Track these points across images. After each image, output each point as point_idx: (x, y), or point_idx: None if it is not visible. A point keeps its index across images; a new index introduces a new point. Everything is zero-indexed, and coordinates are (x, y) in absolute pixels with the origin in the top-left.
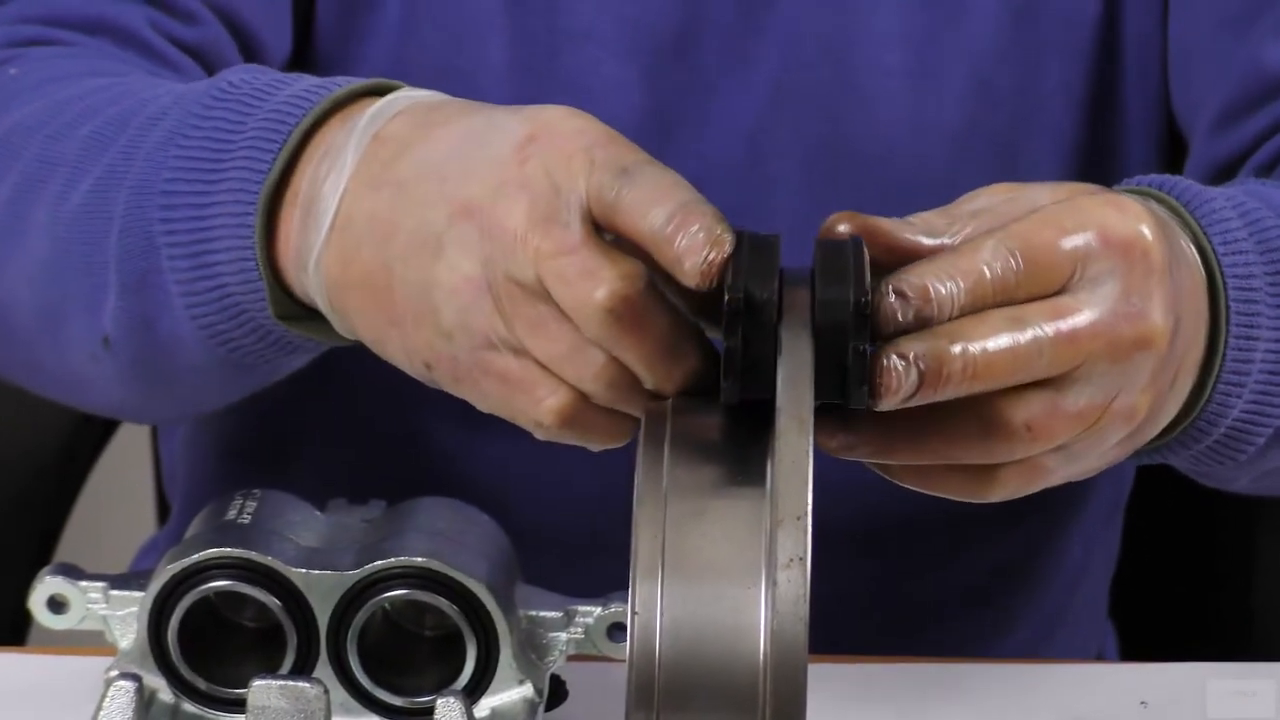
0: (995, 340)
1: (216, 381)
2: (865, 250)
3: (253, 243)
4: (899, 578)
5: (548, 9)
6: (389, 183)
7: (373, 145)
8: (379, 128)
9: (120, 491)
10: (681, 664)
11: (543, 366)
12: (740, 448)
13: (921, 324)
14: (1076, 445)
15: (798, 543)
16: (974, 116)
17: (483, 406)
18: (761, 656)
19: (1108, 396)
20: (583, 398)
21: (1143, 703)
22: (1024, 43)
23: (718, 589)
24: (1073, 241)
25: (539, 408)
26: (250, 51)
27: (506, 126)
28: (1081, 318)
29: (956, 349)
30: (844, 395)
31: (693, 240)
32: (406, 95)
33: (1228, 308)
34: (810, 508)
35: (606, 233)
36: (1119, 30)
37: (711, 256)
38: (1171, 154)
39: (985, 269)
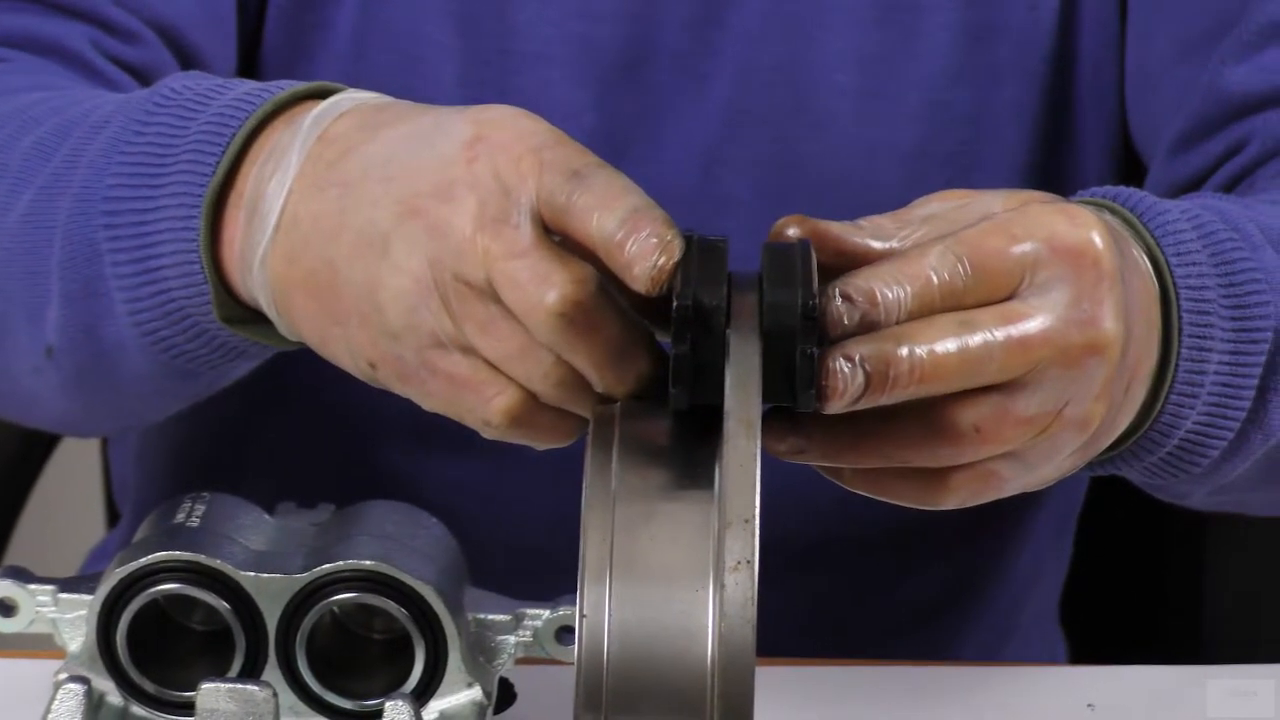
0: (943, 343)
1: (159, 390)
2: (813, 254)
3: (197, 245)
4: (847, 594)
5: (499, 30)
6: (335, 183)
7: (317, 146)
8: (324, 128)
9: (69, 495)
10: (630, 666)
11: (491, 366)
12: (689, 451)
13: (868, 328)
14: (1030, 453)
15: (746, 545)
16: (927, 137)
17: (428, 406)
18: (710, 659)
19: (1059, 403)
20: (531, 397)
21: (1090, 705)
22: (977, 64)
23: (666, 592)
24: (1022, 248)
25: (487, 407)
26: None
27: (453, 126)
28: (1032, 323)
29: (903, 351)
30: (793, 398)
31: (643, 246)
32: (351, 96)
33: (1180, 318)
34: (759, 511)
35: (555, 235)
36: (1073, 51)
37: (661, 262)
38: (1127, 174)
39: (933, 274)
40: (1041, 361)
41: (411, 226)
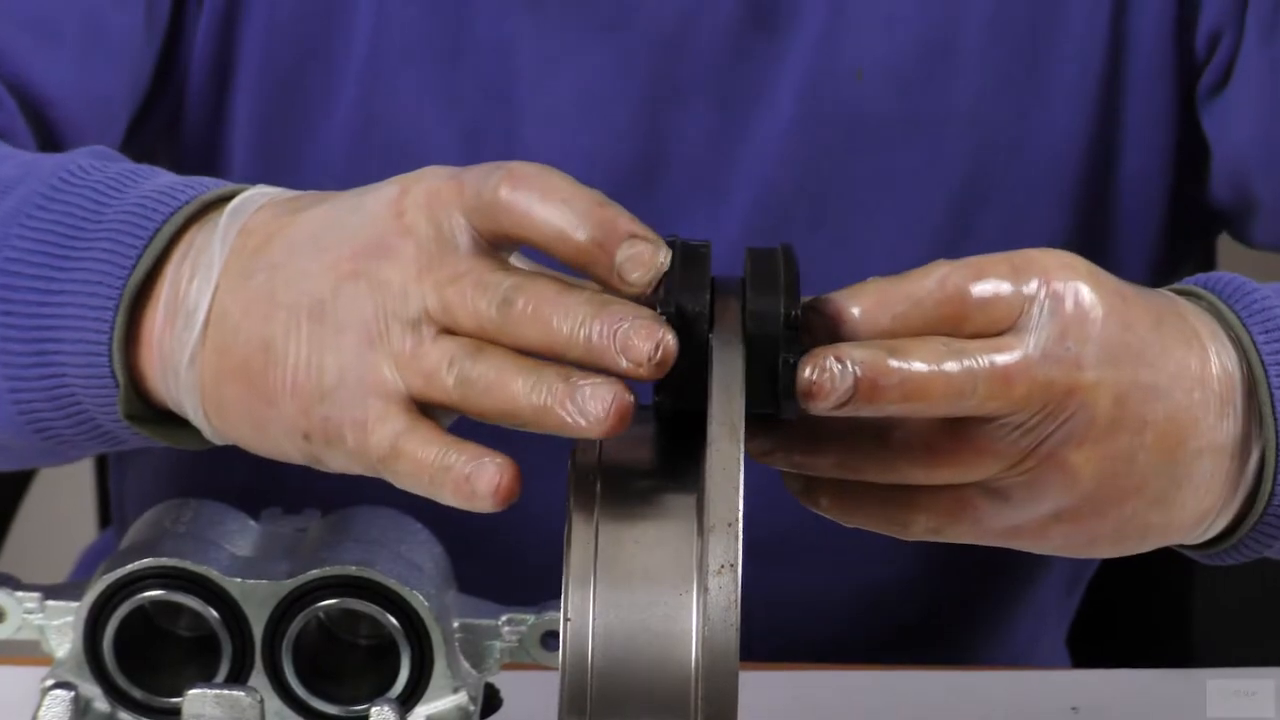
0: (933, 363)
1: (16, 455)
2: (796, 260)
3: (107, 341)
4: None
5: (506, 147)
6: (261, 267)
7: (239, 239)
8: (242, 222)
9: (62, 497)
10: (614, 670)
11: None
12: (672, 455)
13: (852, 338)
14: (1009, 491)
15: (729, 549)
16: (949, 247)
17: (345, 462)
18: (693, 663)
19: (1032, 442)
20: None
21: (1074, 708)
22: (1004, 179)
23: (650, 595)
24: (1017, 283)
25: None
26: (53, 149)
27: (379, 191)
28: (1017, 355)
29: (895, 363)
30: (775, 405)
31: (636, 251)
32: (263, 191)
33: (1273, 394)
34: (741, 514)
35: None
36: (1114, 173)
37: (661, 263)
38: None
39: (926, 296)
40: (1023, 398)
41: (350, 287)
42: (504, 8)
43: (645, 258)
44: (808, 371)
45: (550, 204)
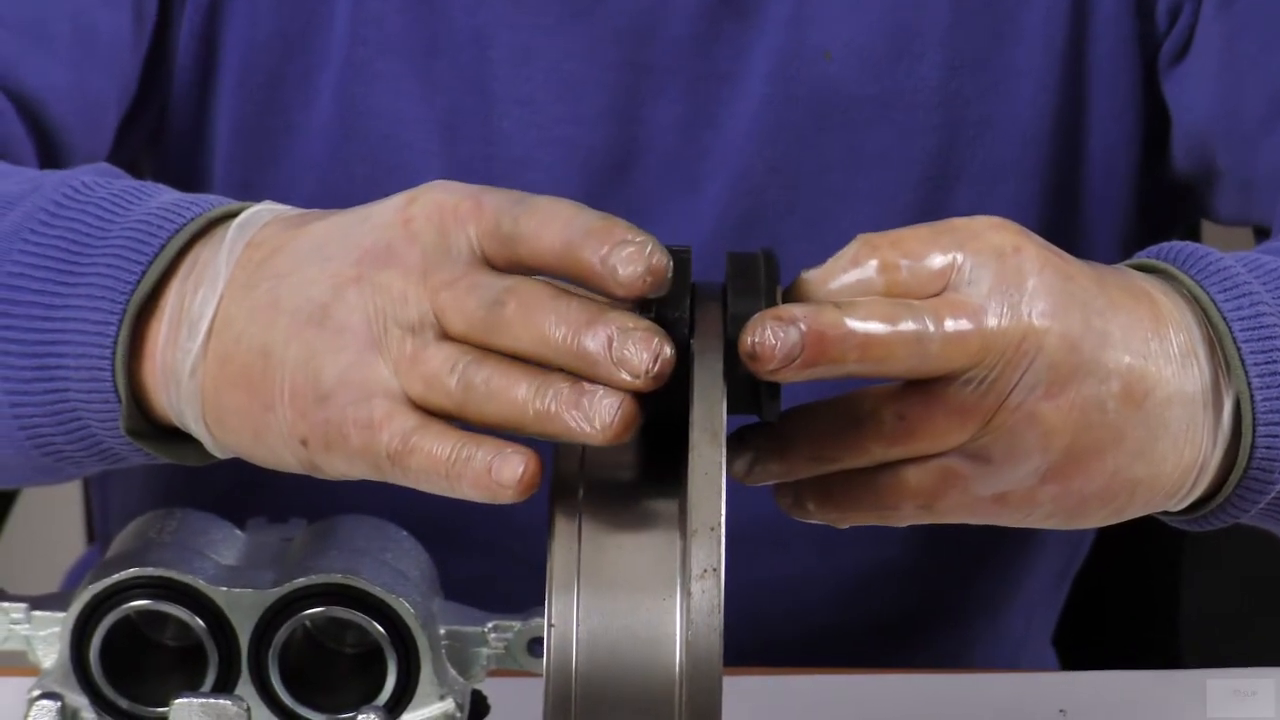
0: (889, 321)
1: (13, 474)
2: (777, 263)
3: (110, 355)
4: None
5: (483, 137)
6: (267, 277)
7: (246, 251)
8: (250, 235)
9: (50, 511)
10: (598, 675)
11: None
12: (655, 460)
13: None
14: (989, 450)
15: (711, 553)
16: None
17: (345, 465)
18: (677, 667)
19: (999, 394)
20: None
21: (1061, 711)
22: (975, 163)
23: (633, 600)
24: (951, 244)
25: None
26: (50, 153)
27: (386, 203)
28: (966, 310)
29: (852, 322)
30: (757, 408)
31: (627, 251)
32: (270, 208)
33: (1240, 349)
34: (724, 518)
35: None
36: (1081, 148)
37: (648, 280)
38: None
39: (868, 265)
40: (981, 353)
41: (351, 292)
42: None
43: (636, 255)
44: (749, 338)
45: (558, 225)
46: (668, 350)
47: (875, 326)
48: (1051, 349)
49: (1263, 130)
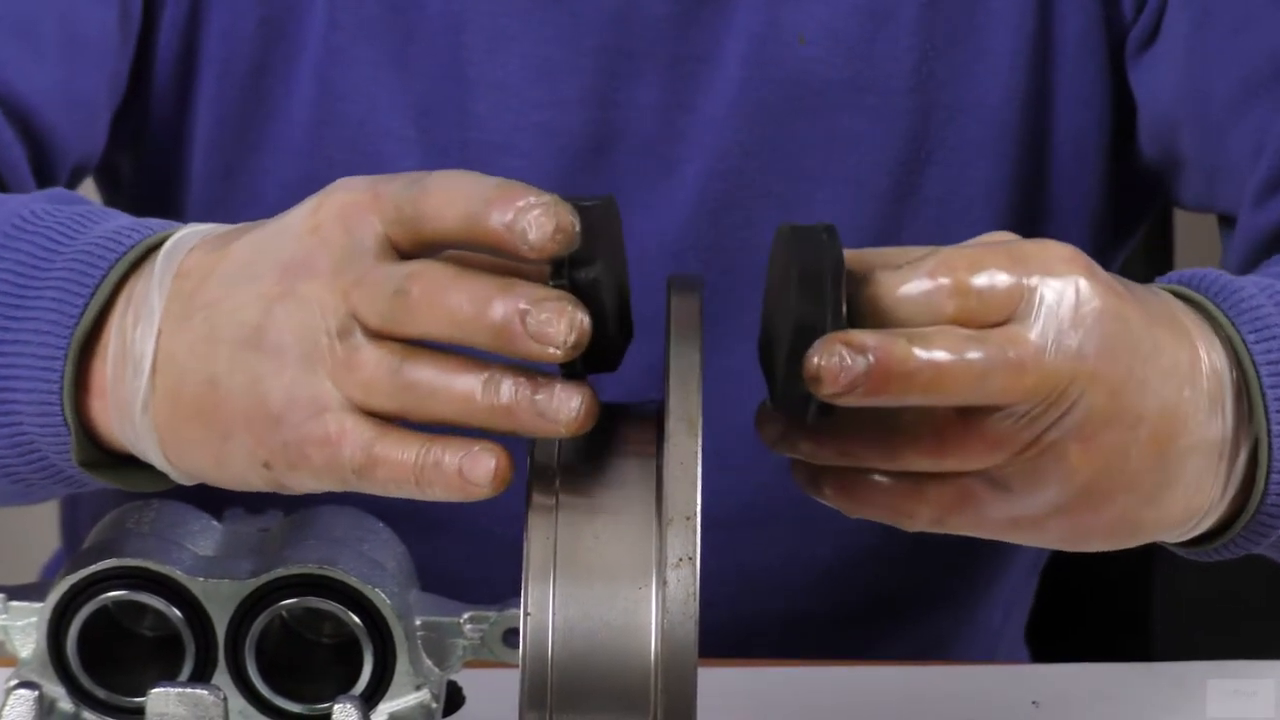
0: (956, 352)
1: None
2: (844, 272)
3: (58, 390)
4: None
5: (459, 121)
6: (199, 307)
7: (175, 283)
8: (178, 264)
9: (22, 514)
10: (574, 664)
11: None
12: (630, 450)
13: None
14: (1010, 480)
15: (687, 542)
16: (897, 217)
17: (313, 482)
18: (653, 656)
19: (1036, 430)
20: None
21: (1034, 703)
22: (947, 145)
23: (609, 590)
24: (1016, 274)
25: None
26: (43, 159)
27: (297, 210)
28: (1029, 345)
29: (920, 352)
30: (802, 414)
31: (529, 215)
32: (194, 230)
33: (1265, 394)
34: (699, 507)
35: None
36: (1050, 132)
37: (558, 238)
38: (1101, 243)
39: (939, 287)
40: (1032, 391)
41: (278, 309)
42: None
43: (542, 216)
44: (816, 359)
45: (458, 198)
46: (582, 318)
47: (942, 362)
48: (1094, 394)
49: (1229, 119)
